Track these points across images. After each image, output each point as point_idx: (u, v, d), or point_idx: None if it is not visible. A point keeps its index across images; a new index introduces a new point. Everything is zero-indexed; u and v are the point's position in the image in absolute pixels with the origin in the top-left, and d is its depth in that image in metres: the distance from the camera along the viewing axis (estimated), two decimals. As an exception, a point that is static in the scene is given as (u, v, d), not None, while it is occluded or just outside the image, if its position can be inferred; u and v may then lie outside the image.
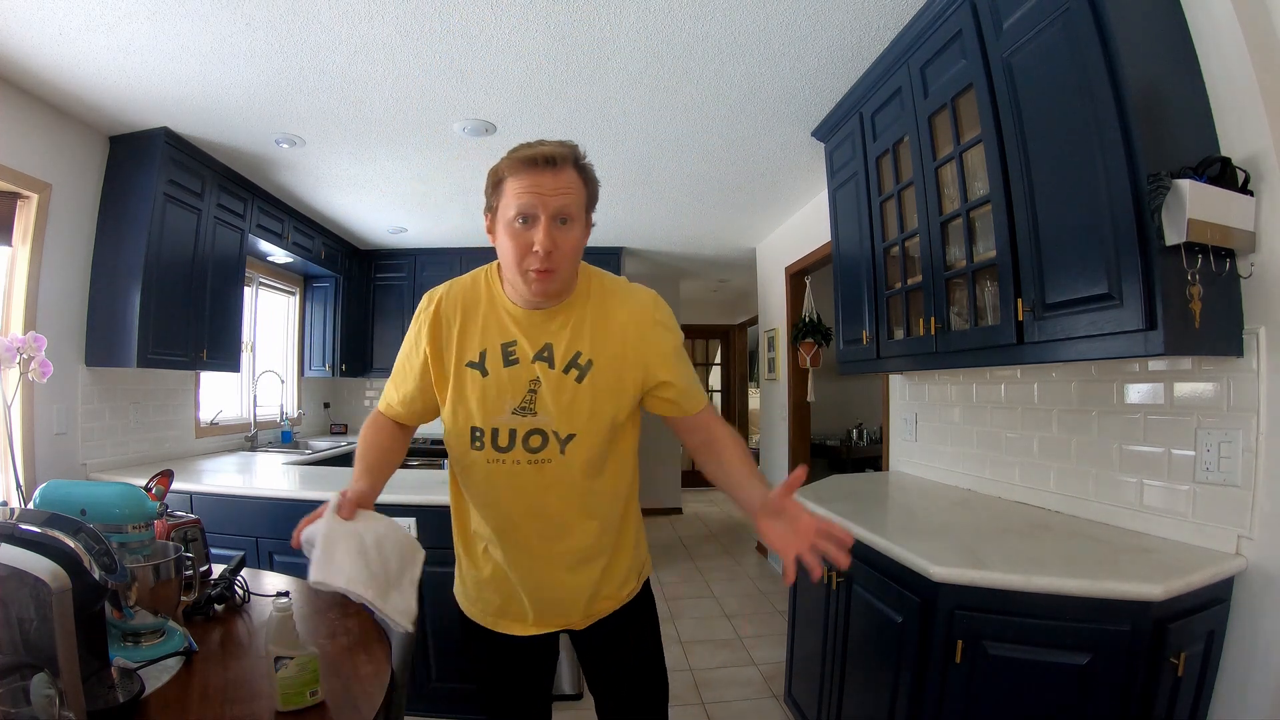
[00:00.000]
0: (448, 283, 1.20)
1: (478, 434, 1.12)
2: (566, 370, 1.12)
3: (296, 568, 2.37)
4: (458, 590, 1.31)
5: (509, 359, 1.11)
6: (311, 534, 0.97)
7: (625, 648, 1.28)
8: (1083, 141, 1.37)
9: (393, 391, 1.21)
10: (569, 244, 1.06)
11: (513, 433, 1.11)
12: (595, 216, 1.15)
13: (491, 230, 1.12)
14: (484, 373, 1.11)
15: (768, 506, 1.04)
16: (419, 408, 1.20)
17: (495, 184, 1.08)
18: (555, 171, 1.04)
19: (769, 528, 1.03)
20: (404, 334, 1.21)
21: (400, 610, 0.98)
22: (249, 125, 2.67)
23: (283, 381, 4.27)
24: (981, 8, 1.64)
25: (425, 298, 1.19)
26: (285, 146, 2.89)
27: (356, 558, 0.95)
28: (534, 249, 1.03)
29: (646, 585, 1.32)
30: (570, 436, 1.12)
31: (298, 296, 4.69)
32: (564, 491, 1.14)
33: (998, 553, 1.48)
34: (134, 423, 2.94)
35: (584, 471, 1.14)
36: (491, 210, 1.10)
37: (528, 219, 1.04)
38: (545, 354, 1.12)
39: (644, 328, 1.15)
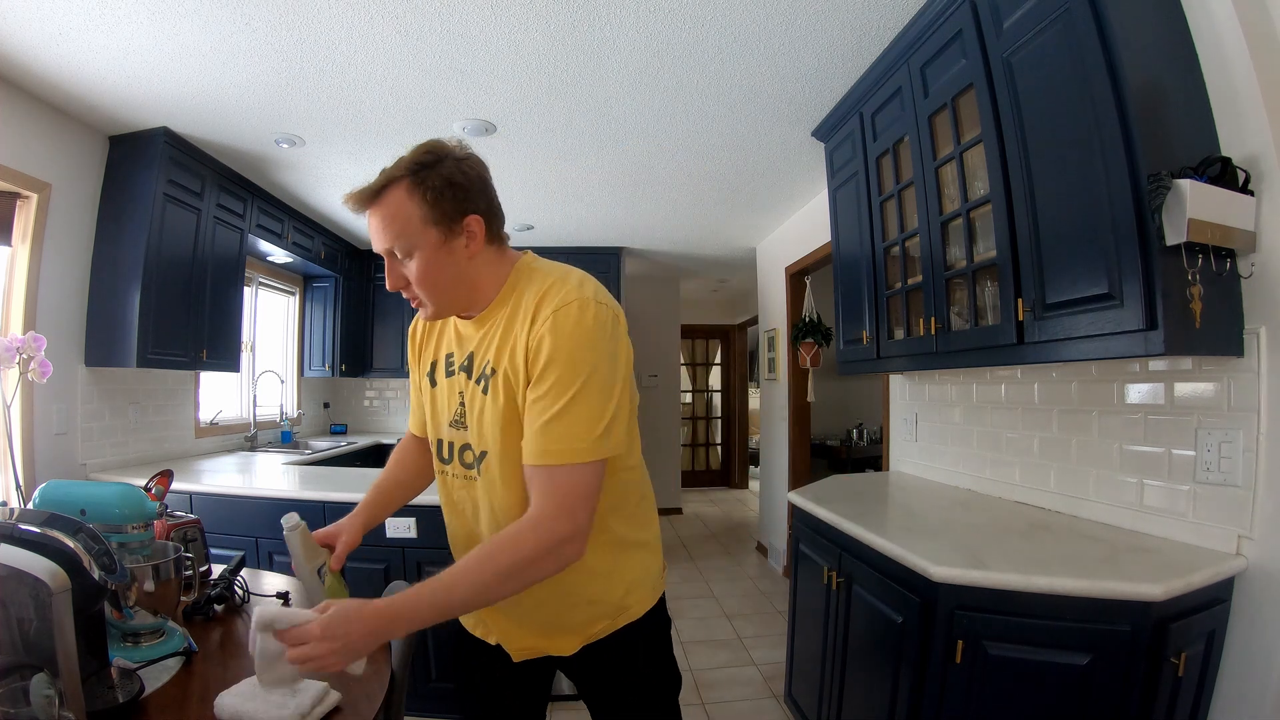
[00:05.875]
0: None
1: (438, 445, 1.14)
2: (478, 381, 1.02)
3: (296, 568, 2.38)
4: None
5: (448, 370, 1.10)
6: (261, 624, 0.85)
7: (607, 691, 1.17)
8: (1083, 141, 1.37)
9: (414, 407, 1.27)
10: (417, 275, 0.96)
11: (452, 445, 1.09)
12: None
13: None
14: (433, 384, 1.13)
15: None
16: (423, 419, 1.22)
17: None
18: (375, 207, 0.96)
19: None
20: (404, 334, 1.22)
21: None
22: (249, 125, 2.67)
23: (282, 381, 4.27)
24: (981, 8, 1.64)
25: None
26: (285, 146, 2.88)
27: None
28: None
29: (633, 629, 1.12)
30: (483, 454, 1.02)
31: (297, 296, 4.69)
32: (488, 513, 1.03)
33: (998, 553, 1.48)
34: (134, 423, 2.94)
35: (506, 496, 1.00)
36: None
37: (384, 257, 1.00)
38: (467, 364, 1.05)
39: (538, 321, 0.94)
